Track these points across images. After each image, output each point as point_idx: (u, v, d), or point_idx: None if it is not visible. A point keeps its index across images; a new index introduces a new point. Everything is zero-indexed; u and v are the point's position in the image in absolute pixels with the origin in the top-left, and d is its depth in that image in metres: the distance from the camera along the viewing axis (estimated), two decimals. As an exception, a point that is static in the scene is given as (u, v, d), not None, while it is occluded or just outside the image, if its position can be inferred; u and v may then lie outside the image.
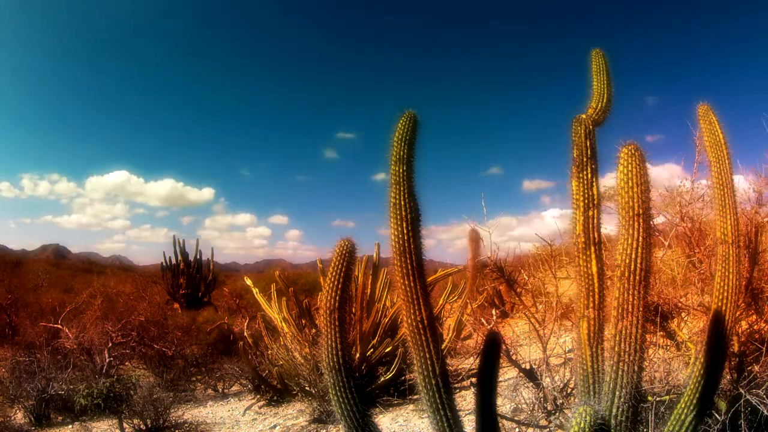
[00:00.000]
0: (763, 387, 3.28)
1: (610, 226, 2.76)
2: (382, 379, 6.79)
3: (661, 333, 4.02)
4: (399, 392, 6.76)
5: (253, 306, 11.44)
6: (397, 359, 6.57)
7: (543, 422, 4.14)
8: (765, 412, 3.22)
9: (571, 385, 4.12)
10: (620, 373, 2.34)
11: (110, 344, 8.60)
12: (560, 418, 4.03)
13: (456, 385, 6.70)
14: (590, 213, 2.77)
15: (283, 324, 7.55)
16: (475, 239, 9.84)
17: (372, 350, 6.94)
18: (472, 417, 3.09)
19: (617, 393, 2.35)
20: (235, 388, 9.07)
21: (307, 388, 6.67)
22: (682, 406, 2.56)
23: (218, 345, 11.16)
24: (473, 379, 6.25)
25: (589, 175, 2.80)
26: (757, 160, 4.11)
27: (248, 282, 9.31)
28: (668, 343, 4.08)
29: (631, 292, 2.31)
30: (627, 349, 2.32)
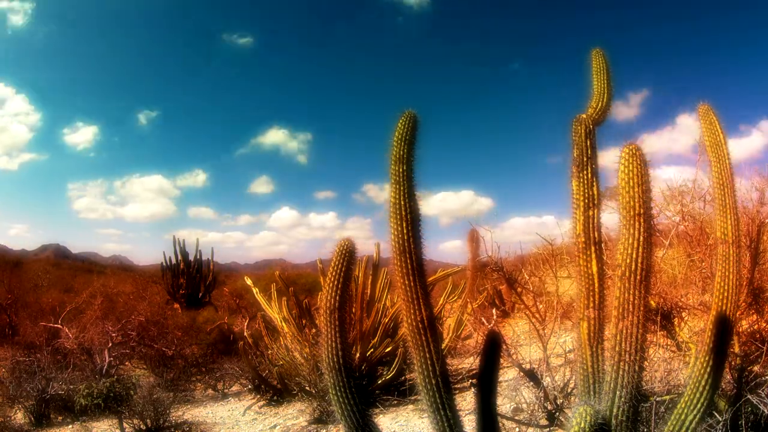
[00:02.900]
0: (764, 387, 3.28)
1: (611, 225, 2.76)
2: (383, 379, 6.78)
3: (662, 333, 4.01)
4: (399, 392, 6.76)
5: (253, 306, 11.42)
6: (397, 359, 6.56)
7: (543, 422, 4.13)
8: (766, 411, 3.22)
9: (572, 385, 4.11)
10: (621, 372, 2.34)
11: (110, 344, 8.60)
12: (561, 417, 4.03)
13: (456, 385, 6.70)
14: (590, 213, 2.77)
15: (283, 324, 7.55)
16: (475, 239, 9.85)
17: (372, 350, 6.94)
18: (472, 417, 3.09)
19: (618, 393, 2.35)
20: (235, 388, 9.07)
21: (307, 388, 6.66)
22: (683, 405, 2.56)
23: (218, 345, 11.15)
24: (473, 380, 6.25)
25: (590, 175, 2.80)
26: (760, 159, 4.11)
27: (248, 282, 9.31)
28: (669, 343, 4.07)
29: (631, 292, 2.30)
30: (627, 349, 2.32)
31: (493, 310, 6.80)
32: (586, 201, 2.78)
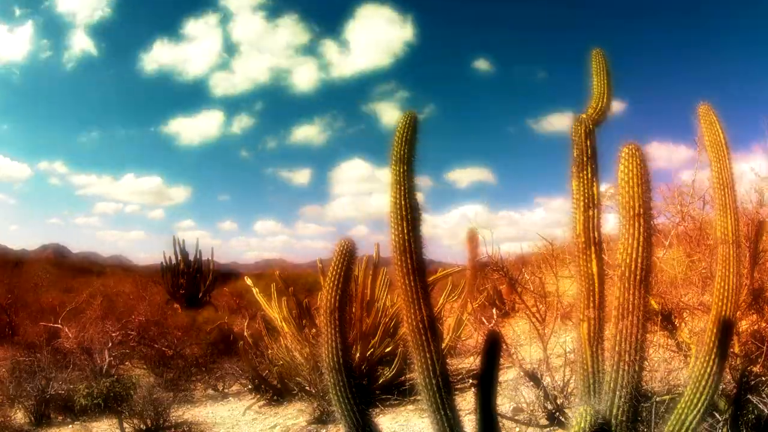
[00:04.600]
0: (764, 387, 3.28)
1: (610, 225, 2.76)
2: (383, 379, 6.78)
3: (662, 333, 4.01)
4: (399, 392, 6.76)
5: (253, 306, 11.41)
6: (397, 359, 6.57)
7: (543, 422, 4.14)
8: (766, 411, 3.23)
9: (572, 385, 4.11)
10: (621, 372, 2.34)
11: (110, 344, 8.60)
12: (561, 417, 4.03)
13: (456, 385, 6.70)
14: (590, 213, 2.77)
15: (283, 324, 7.55)
16: (474, 239, 9.85)
17: (372, 350, 6.94)
18: (472, 417, 3.09)
19: (617, 393, 2.35)
20: (235, 388, 9.06)
21: (307, 388, 6.66)
22: (683, 405, 2.55)
23: (218, 345, 11.14)
24: (473, 380, 6.25)
25: (590, 175, 2.80)
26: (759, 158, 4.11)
27: (248, 282, 9.30)
28: (669, 343, 4.07)
29: (631, 292, 2.30)
30: (627, 349, 2.32)
31: (494, 310, 6.80)
32: (586, 201, 2.78)
